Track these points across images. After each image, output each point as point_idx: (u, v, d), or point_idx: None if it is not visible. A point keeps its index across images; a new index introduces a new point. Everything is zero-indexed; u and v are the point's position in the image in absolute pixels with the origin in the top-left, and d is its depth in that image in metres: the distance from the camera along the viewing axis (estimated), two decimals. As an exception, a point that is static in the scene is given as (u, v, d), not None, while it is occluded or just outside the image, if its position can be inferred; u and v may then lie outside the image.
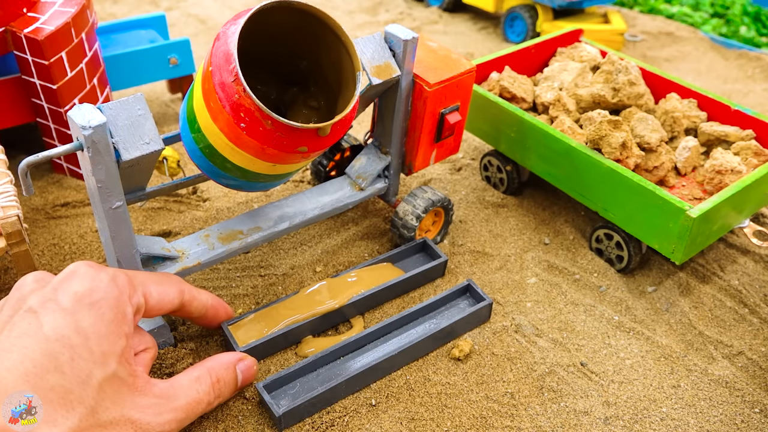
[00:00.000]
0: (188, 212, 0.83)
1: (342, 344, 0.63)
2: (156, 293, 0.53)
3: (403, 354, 0.63)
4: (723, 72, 1.31)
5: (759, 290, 0.76)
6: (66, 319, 0.45)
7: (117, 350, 0.47)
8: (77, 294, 0.47)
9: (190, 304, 0.57)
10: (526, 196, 0.90)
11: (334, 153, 0.81)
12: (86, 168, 0.52)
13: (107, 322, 0.46)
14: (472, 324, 0.68)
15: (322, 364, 0.63)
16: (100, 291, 0.47)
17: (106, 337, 0.46)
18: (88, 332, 0.45)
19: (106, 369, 0.45)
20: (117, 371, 0.46)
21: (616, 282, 0.76)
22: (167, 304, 0.54)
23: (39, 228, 0.79)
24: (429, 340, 0.65)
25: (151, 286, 0.53)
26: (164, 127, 1.01)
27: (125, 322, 0.48)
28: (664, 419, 0.61)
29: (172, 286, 0.56)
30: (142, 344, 0.53)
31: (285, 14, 0.55)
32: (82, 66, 0.82)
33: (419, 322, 0.68)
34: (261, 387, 0.59)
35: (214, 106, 0.52)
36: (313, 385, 0.61)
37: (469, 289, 0.71)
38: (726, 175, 0.76)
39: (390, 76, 0.66)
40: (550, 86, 0.90)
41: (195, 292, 0.58)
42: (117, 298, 0.48)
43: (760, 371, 0.67)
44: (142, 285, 0.52)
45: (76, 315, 0.45)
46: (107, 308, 0.47)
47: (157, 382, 0.50)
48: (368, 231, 0.81)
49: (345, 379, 0.60)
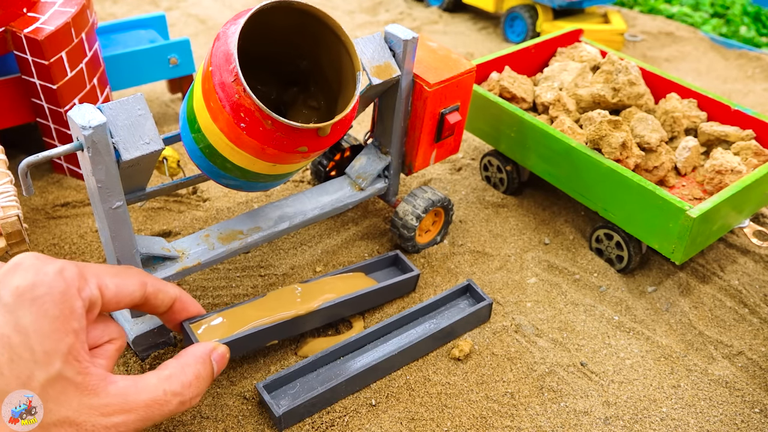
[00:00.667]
0: (188, 212, 0.83)
1: (342, 344, 0.63)
2: (113, 285, 0.49)
3: (402, 354, 0.63)
4: (723, 72, 1.31)
5: (759, 290, 0.76)
6: (5, 317, 0.42)
7: (62, 348, 0.43)
8: (18, 288, 0.43)
9: (154, 297, 0.53)
10: (526, 196, 0.90)
11: (334, 153, 0.81)
12: (86, 168, 0.52)
13: (51, 319, 0.43)
14: (472, 324, 0.68)
15: (322, 364, 0.63)
16: (43, 285, 0.44)
17: (49, 335, 0.43)
18: (29, 330, 0.42)
19: (50, 369, 0.43)
20: (62, 371, 0.43)
21: (616, 282, 0.76)
22: (126, 296, 0.50)
23: (39, 228, 0.79)
24: (429, 340, 0.65)
25: (107, 278, 0.49)
26: (164, 127, 1.01)
27: (73, 318, 0.45)
28: (664, 419, 0.61)
29: (132, 277, 0.51)
30: (106, 336, 0.49)
31: (285, 14, 0.55)
32: (82, 66, 0.82)
33: (419, 322, 0.68)
34: (261, 387, 0.59)
35: (214, 106, 0.52)
36: (313, 385, 0.61)
37: (469, 289, 0.71)
38: (726, 175, 0.76)
39: (390, 76, 0.66)
40: (550, 86, 0.90)
41: (160, 284, 0.54)
42: (63, 292, 0.44)
43: (760, 371, 0.67)
44: (96, 277, 0.48)
45: (17, 312, 0.42)
46: (51, 303, 0.44)
47: (117, 380, 0.47)
48: (368, 231, 0.81)
49: (345, 379, 0.60)
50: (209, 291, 0.72)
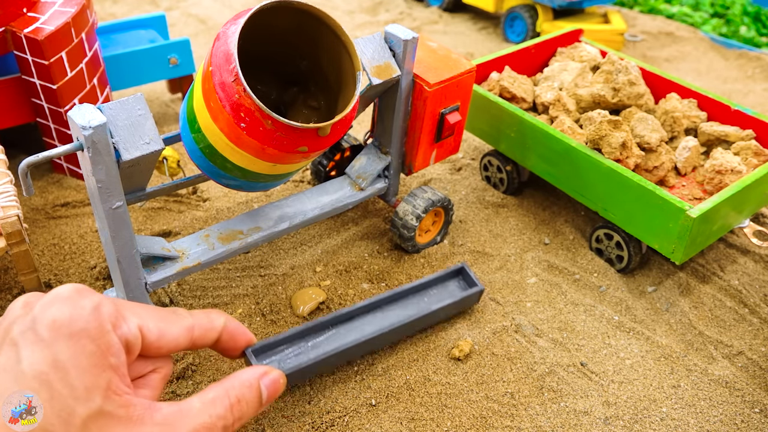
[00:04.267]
0: (188, 212, 0.83)
1: (333, 315, 0.63)
2: (156, 329, 0.48)
3: (393, 332, 0.63)
4: (723, 72, 1.31)
5: (759, 290, 0.76)
6: (43, 352, 0.42)
7: (102, 384, 0.43)
8: (55, 323, 0.43)
9: (202, 339, 0.52)
10: (526, 196, 0.90)
11: (334, 153, 0.81)
12: (86, 168, 0.52)
13: (88, 354, 0.43)
14: (459, 308, 0.69)
15: (312, 332, 0.63)
16: (81, 320, 0.43)
17: (87, 371, 0.42)
18: (67, 366, 0.42)
19: (90, 405, 0.42)
20: (103, 406, 0.43)
21: (616, 282, 0.76)
22: (171, 342, 0.49)
23: (39, 228, 0.79)
24: (418, 320, 0.65)
25: (150, 321, 0.48)
26: (164, 127, 1.01)
27: (111, 353, 0.44)
28: (664, 419, 0.61)
29: (178, 322, 0.50)
30: (150, 366, 0.49)
31: (285, 14, 0.55)
32: (82, 66, 0.82)
33: (410, 301, 0.68)
34: (249, 353, 0.57)
35: (215, 106, 0.52)
36: (304, 354, 0.61)
37: (462, 273, 0.71)
38: (726, 175, 0.76)
39: (390, 76, 0.66)
40: (550, 86, 0.90)
41: (206, 323, 0.53)
42: (98, 327, 0.44)
43: (760, 371, 0.67)
44: (138, 317, 0.48)
45: (54, 347, 0.42)
46: (88, 339, 0.43)
47: (162, 407, 0.46)
48: (368, 231, 0.81)
49: (336, 352, 0.60)
50: (209, 291, 0.72)
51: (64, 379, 0.42)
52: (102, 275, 0.72)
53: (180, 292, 0.71)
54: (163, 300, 0.70)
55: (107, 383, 0.43)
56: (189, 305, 0.70)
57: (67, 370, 0.42)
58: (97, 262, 0.74)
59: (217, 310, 0.56)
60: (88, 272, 0.73)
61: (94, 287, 0.71)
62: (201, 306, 0.70)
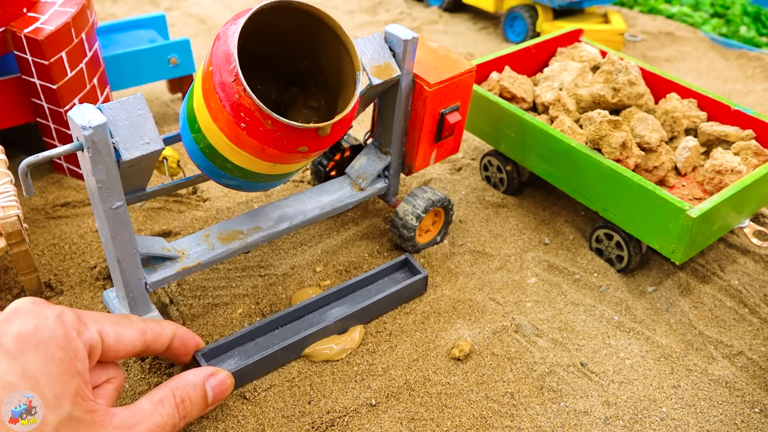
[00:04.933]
0: (188, 212, 0.83)
1: (278, 315, 0.66)
2: (113, 333, 0.50)
3: (339, 323, 0.66)
4: (723, 72, 1.31)
5: (759, 290, 0.76)
6: (11, 363, 0.42)
7: (70, 390, 0.44)
8: (21, 334, 0.44)
9: (154, 342, 0.55)
10: (526, 196, 0.90)
11: (334, 153, 0.81)
12: (86, 168, 0.52)
13: (57, 362, 0.44)
14: (407, 297, 0.71)
15: (260, 334, 0.65)
16: (46, 329, 0.44)
17: (57, 378, 0.44)
18: (37, 375, 0.43)
19: (60, 411, 0.43)
20: (72, 412, 0.44)
21: (616, 282, 0.76)
22: (127, 345, 0.52)
23: (39, 228, 0.79)
24: (363, 310, 0.67)
25: (108, 326, 0.50)
26: (164, 127, 1.01)
27: (77, 359, 0.45)
28: (664, 419, 0.61)
29: (131, 327, 0.52)
30: (104, 376, 0.51)
31: (285, 14, 0.55)
32: (82, 66, 0.82)
33: (357, 294, 0.71)
34: (199, 356, 0.60)
35: (215, 106, 0.52)
36: (251, 354, 0.63)
37: (407, 263, 0.74)
38: (726, 175, 0.76)
39: (390, 76, 0.66)
40: (550, 86, 0.90)
41: (158, 328, 0.55)
42: (65, 335, 0.45)
43: (760, 371, 0.67)
44: (97, 323, 0.49)
45: (22, 358, 0.43)
46: (55, 347, 0.44)
47: (117, 412, 0.48)
48: (368, 231, 0.81)
49: (281, 348, 0.62)
50: (209, 291, 0.72)
51: (35, 388, 0.43)
52: (102, 275, 0.72)
53: (180, 292, 0.71)
54: (163, 300, 0.70)
55: (75, 389, 0.45)
56: (189, 305, 0.70)
57: (36, 379, 0.43)
58: (97, 262, 0.74)
59: (168, 320, 0.58)
60: (88, 272, 0.73)
61: (94, 287, 0.71)
62: (201, 306, 0.70)
